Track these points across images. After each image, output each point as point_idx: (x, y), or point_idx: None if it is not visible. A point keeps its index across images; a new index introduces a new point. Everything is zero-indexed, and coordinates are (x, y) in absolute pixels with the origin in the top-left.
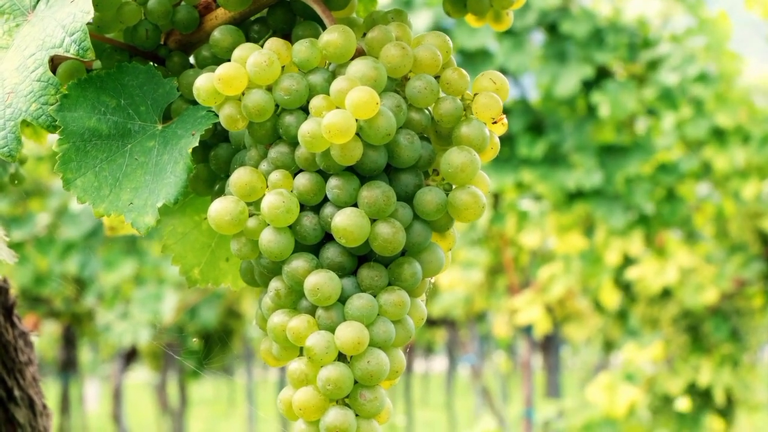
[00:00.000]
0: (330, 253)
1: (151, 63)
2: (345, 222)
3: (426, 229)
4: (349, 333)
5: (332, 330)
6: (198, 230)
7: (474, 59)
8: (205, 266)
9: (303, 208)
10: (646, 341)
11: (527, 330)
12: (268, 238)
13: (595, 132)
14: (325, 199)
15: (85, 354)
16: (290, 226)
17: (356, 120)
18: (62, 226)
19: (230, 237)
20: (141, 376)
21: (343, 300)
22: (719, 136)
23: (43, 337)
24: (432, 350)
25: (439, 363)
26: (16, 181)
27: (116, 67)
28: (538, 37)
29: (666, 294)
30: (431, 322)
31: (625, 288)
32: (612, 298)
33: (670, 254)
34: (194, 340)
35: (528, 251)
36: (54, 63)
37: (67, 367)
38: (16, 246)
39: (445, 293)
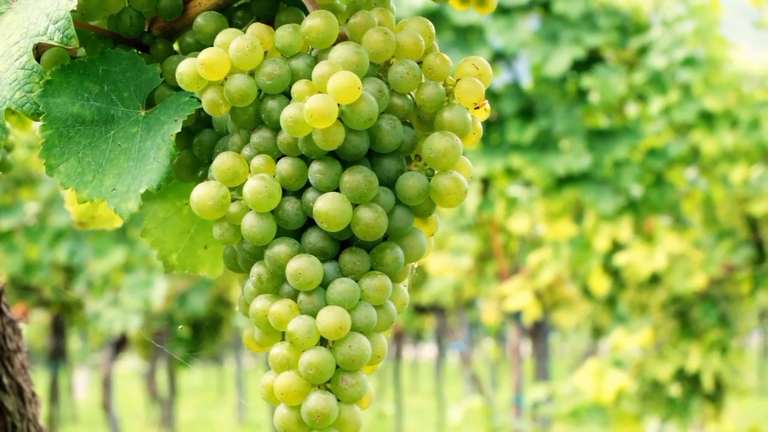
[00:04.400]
0: (312, 237)
1: (135, 50)
2: (327, 207)
3: (408, 214)
4: (330, 317)
5: (314, 315)
6: (179, 215)
7: (467, 36)
8: (183, 252)
9: (285, 193)
10: (634, 327)
11: (516, 316)
12: (250, 222)
13: (584, 116)
14: (308, 184)
15: (74, 343)
16: (272, 211)
17: (338, 105)
18: (53, 213)
19: (210, 224)
20: (130, 364)
21: (325, 285)
22: (707, 119)
23: (32, 326)
24: (421, 337)
25: (428, 350)
26: (3, 169)
27: (99, 54)
28: (534, 23)
29: (655, 280)
30: (420, 309)
31: (614, 274)
32: (601, 284)
33: (659, 240)
34: (180, 327)
35: (517, 237)
36: (38, 51)
37: (56, 356)
38: (5, 235)
39: (435, 280)
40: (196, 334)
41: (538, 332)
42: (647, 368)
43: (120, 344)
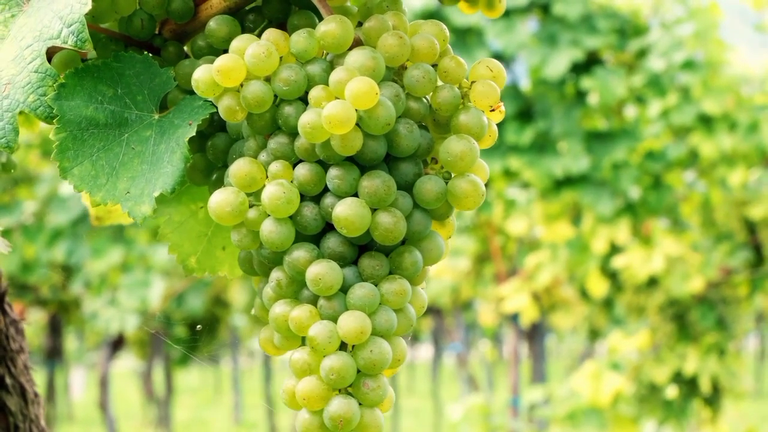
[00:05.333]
0: (331, 242)
1: (147, 52)
2: (346, 212)
3: (426, 218)
4: (351, 322)
5: (334, 320)
6: (194, 219)
7: (466, 38)
8: (201, 255)
9: (303, 198)
10: (632, 329)
11: (513, 318)
12: (269, 228)
13: (583, 118)
14: (326, 189)
15: (70, 342)
16: (291, 217)
17: (356, 110)
18: (50, 212)
19: (227, 226)
20: (127, 364)
21: (344, 289)
22: (706, 123)
23: (29, 326)
24: (418, 338)
25: (424, 351)
26: (9, 170)
27: (113, 57)
28: (533, 25)
29: (652, 282)
30: None
31: (612, 276)
32: (598, 287)
33: (657, 242)
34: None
35: (515, 239)
36: (49, 52)
37: (53, 355)
38: (3, 234)
39: (432, 281)
40: (193, 334)
41: (535, 334)
42: (644, 371)
43: (117, 344)
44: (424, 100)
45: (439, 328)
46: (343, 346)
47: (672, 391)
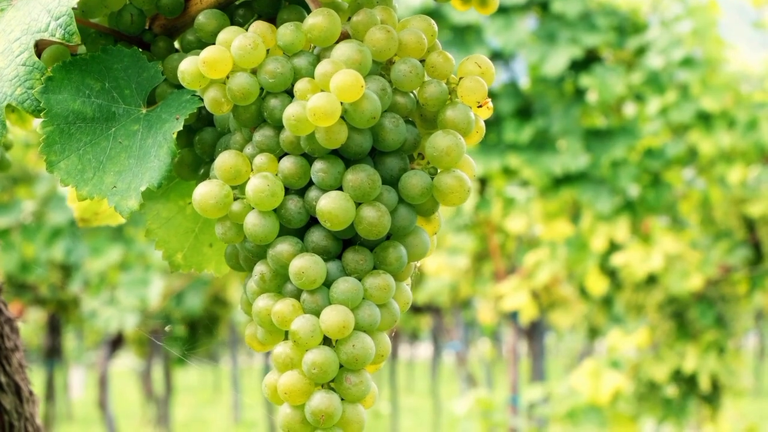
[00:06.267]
0: (315, 236)
1: (136, 47)
2: (330, 205)
3: (411, 213)
4: (334, 317)
5: (317, 314)
6: (182, 215)
7: (465, 36)
8: (188, 251)
9: (288, 191)
10: (631, 328)
11: (513, 316)
12: (252, 221)
13: (582, 116)
14: (310, 183)
15: (70, 341)
16: (275, 210)
17: (341, 103)
18: (49, 211)
19: (215, 222)
20: (126, 363)
21: (328, 284)
22: (705, 120)
23: (28, 325)
24: (417, 337)
25: (424, 349)
26: (2, 167)
27: (101, 51)
28: (532, 23)
29: (651, 280)
30: (416, 309)
31: (611, 274)
32: (598, 285)
33: (656, 240)
34: (167, 328)
35: (514, 237)
36: (39, 48)
37: (52, 354)
38: (2, 233)
39: (431, 280)
40: (192, 333)
41: (534, 332)
42: (644, 369)
43: (116, 342)
44: (411, 95)
45: (438, 327)
46: (326, 341)
47: (671, 390)
